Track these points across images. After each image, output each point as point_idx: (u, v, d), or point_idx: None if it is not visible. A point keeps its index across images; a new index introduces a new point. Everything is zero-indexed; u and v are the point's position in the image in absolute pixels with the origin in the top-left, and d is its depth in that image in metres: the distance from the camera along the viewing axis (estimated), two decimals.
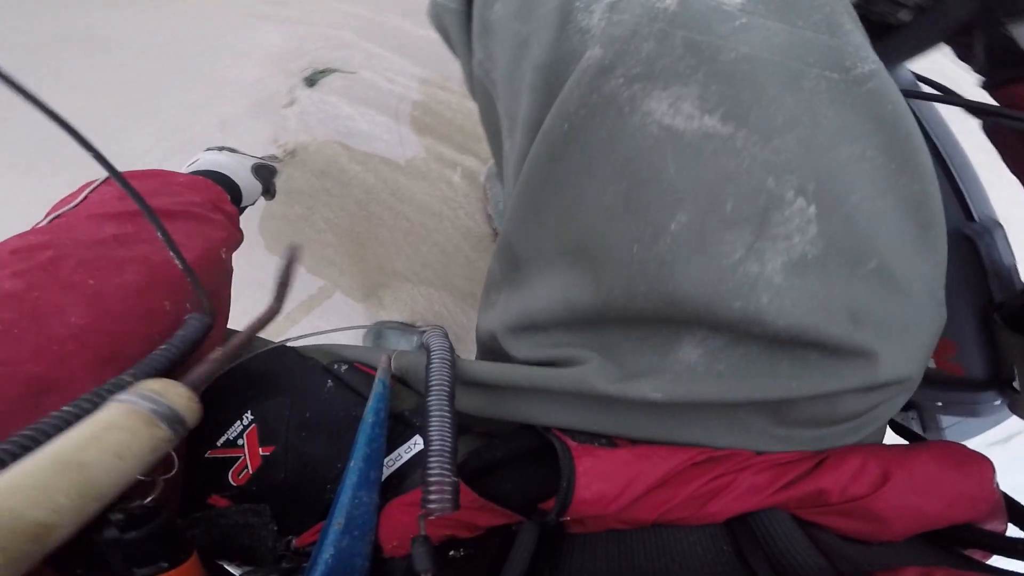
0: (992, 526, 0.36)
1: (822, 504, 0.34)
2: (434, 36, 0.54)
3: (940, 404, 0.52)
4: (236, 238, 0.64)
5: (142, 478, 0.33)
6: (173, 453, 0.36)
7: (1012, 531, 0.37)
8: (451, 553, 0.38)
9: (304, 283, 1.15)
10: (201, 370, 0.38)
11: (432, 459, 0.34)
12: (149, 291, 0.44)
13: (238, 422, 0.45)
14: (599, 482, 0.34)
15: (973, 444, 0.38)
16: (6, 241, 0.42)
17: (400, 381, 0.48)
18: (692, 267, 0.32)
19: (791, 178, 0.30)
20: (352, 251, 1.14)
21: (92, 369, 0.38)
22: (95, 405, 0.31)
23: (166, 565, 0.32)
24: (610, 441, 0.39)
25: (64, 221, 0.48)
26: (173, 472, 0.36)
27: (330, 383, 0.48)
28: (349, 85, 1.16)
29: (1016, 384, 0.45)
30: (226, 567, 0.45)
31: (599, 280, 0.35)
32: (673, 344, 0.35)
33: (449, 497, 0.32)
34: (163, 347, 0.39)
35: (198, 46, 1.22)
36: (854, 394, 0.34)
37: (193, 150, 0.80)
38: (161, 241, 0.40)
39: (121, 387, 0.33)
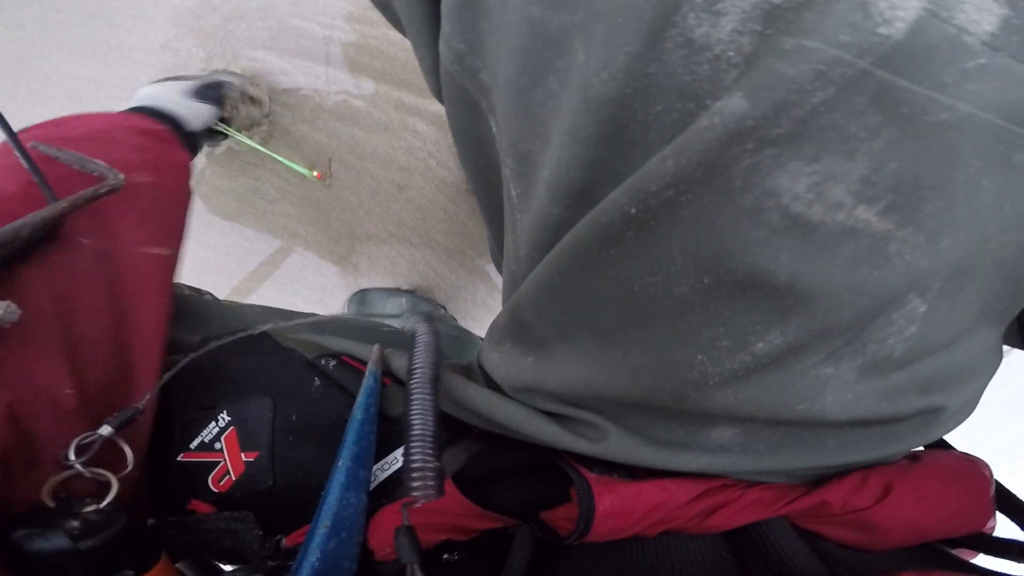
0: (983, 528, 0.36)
1: (823, 515, 0.34)
2: None
3: None
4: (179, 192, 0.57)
5: (93, 475, 0.32)
6: (127, 448, 0.34)
7: (1000, 532, 0.37)
8: (444, 557, 0.37)
9: (256, 245, 1.06)
10: (9, 225, 0.32)
11: (413, 444, 0.33)
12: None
13: (213, 423, 0.41)
14: (617, 519, 0.33)
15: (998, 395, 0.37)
16: None
17: (398, 382, 0.44)
18: (761, 380, 0.27)
19: (928, 282, 0.24)
20: (314, 218, 1.05)
21: None
22: None
23: (131, 573, 0.31)
24: (628, 471, 0.36)
25: None
26: (128, 470, 0.34)
27: (317, 381, 0.44)
28: (276, 36, 1.03)
29: None
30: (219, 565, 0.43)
31: (638, 378, 0.29)
32: (706, 425, 0.31)
33: (432, 484, 0.32)
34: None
35: (83, 14, 1.05)
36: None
37: None
38: None
39: None
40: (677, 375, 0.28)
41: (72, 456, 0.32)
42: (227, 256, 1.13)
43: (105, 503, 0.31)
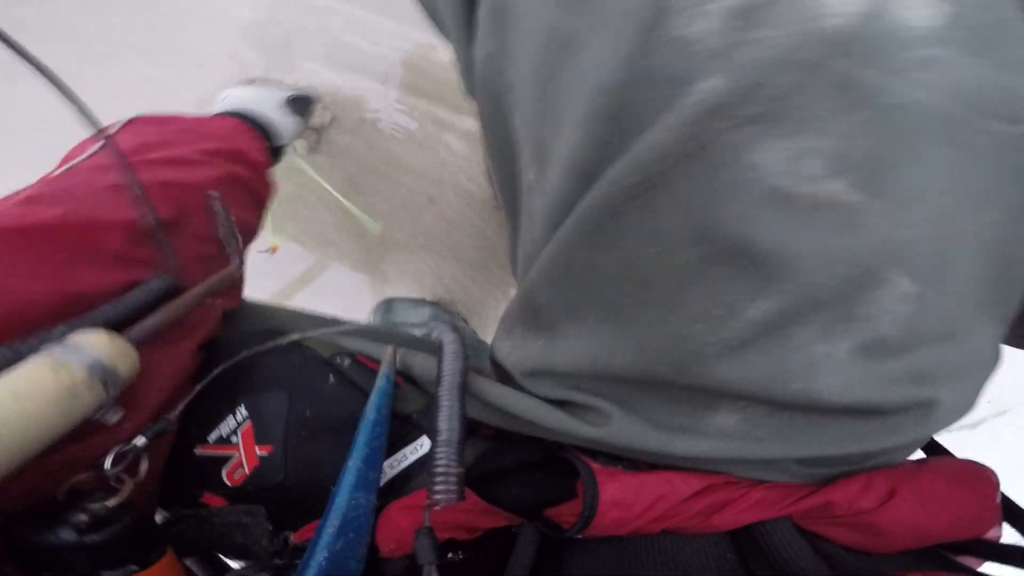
0: (988, 534, 0.36)
1: (827, 516, 0.34)
2: None
3: None
4: (253, 193, 0.61)
5: (109, 476, 0.33)
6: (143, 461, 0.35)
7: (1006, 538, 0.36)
8: (449, 556, 0.37)
9: (297, 257, 1.10)
10: (146, 324, 0.36)
11: (439, 449, 0.34)
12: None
13: (231, 416, 0.42)
14: (620, 509, 0.34)
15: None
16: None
17: (409, 381, 0.45)
18: (757, 352, 0.28)
19: (905, 256, 0.25)
20: (348, 226, 1.08)
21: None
22: (11, 360, 0.29)
23: (136, 568, 0.31)
24: (632, 463, 0.37)
25: (68, 173, 0.45)
26: (139, 477, 0.34)
27: (332, 379, 0.44)
28: (331, 52, 1.08)
29: None
30: (226, 561, 0.44)
31: (641, 350, 0.31)
32: (708, 409, 0.32)
33: (455, 488, 0.33)
34: (107, 305, 0.36)
35: (158, 23, 1.13)
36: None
37: None
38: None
39: (50, 340, 0.31)
40: (677, 346, 0.29)
41: (109, 465, 0.32)
42: (257, 253, 1.18)
43: (114, 502, 0.31)
